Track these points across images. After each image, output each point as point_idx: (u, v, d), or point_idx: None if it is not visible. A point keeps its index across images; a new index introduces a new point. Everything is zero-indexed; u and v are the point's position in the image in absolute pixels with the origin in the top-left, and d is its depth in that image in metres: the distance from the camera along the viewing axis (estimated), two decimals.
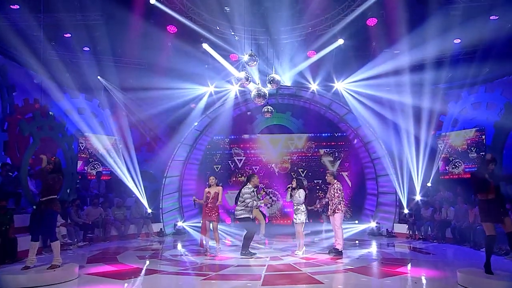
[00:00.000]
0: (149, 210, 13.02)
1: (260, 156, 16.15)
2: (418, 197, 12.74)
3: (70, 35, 12.32)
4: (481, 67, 12.14)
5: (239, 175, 16.06)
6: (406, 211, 12.67)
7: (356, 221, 14.29)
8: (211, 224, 9.12)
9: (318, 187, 15.60)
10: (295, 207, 8.95)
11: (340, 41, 11.60)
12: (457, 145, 13.20)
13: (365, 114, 13.38)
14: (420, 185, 12.81)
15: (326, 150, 15.97)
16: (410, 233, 12.02)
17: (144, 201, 13.00)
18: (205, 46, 12.06)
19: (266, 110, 11.26)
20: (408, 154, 12.66)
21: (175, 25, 11.55)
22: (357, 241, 11.28)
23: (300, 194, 8.87)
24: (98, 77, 13.82)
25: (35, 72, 11.73)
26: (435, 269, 7.37)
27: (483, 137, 12.44)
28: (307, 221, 9.04)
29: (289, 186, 9.17)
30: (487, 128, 12.33)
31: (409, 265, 7.88)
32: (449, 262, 8.41)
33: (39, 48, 11.23)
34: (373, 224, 13.04)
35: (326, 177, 9.10)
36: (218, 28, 11.42)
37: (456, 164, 13.23)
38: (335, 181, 8.97)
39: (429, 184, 13.11)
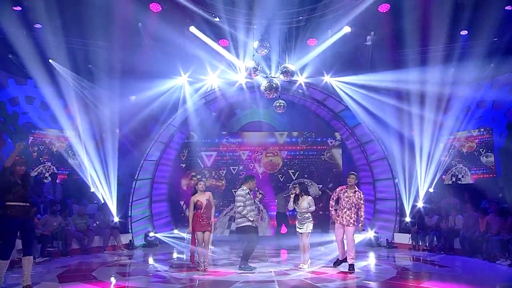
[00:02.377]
0: (116, 219, 12.48)
1: (238, 151, 15.73)
2: (420, 204, 12.85)
3: (20, 9, 11.48)
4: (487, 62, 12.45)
5: (194, 176, 15.17)
6: (408, 219, 12.79)
7: None
8: (203, 235, 8.72)
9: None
10: (300, 215, 8.79)
11: (347, 29, 11.56)
12: (462, 147, 13.54)
13: (364, 111, 13.44)
14: (425, 191, 12.98)
15: (339, 139, 15.48)
16: (413, 243, 12.15)
17: (112, 207, 12.43)
18: (192, 29, 11.66)
19: (278, 104, 11.06)
20: (418, 159, 12.80)
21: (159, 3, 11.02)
22: None
23: (310, 202, 8.74)
24: (50, 60, 12.98)
25: None
26: (465, 284, 7.44)
27: (492, 138, 12.83)
28: (312, 230, 8.90)
29: (292, 193, 9.00)
30: (495, 128, 12.74)
31: (433, 280, 7.89)
32: (472, 275, 8.48)
33: None
34: (370, 234, 13.09)
35: (348, 179, 8.62)
36: (206, 8, 11.04)
37: (459, 171, 13.54)
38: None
39: (431, 190, 13.26)
